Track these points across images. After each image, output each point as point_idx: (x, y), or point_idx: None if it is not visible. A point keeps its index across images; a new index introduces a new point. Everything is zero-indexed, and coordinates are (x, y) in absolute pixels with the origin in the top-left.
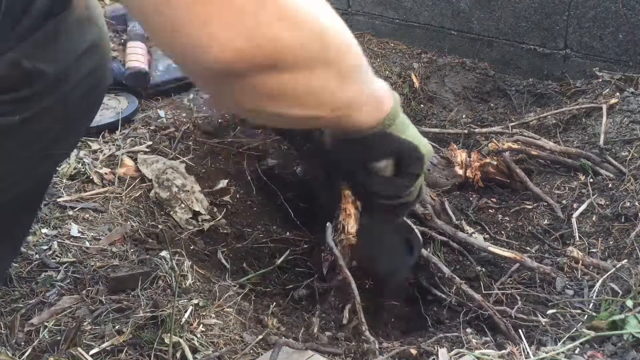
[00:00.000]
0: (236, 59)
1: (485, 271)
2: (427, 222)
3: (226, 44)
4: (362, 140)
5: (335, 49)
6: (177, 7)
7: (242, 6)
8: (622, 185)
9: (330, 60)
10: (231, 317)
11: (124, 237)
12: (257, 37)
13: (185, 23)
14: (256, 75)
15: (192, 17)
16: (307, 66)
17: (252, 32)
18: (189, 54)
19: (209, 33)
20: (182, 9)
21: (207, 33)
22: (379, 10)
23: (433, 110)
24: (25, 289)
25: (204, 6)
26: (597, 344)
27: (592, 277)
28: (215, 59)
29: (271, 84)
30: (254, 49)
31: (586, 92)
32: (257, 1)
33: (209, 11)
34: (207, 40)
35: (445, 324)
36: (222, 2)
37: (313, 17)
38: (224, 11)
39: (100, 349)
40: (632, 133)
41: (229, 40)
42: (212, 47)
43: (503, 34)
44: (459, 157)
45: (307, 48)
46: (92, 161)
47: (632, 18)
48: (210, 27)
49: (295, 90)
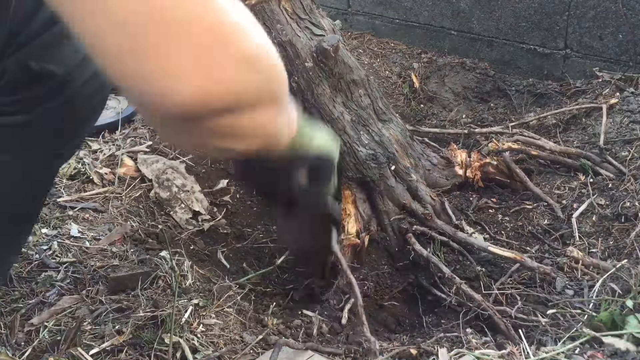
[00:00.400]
0: (196, 103)
1: (485, 271)
2: (427, 222)
3: (187, 91)
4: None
5: (279, 85)
6: (142, 57)
7: (204, 51)
8: (622, 185)
9: (276, 96)
10: (231, 317)
11: (124, 237)
12: (219, 84)
13: (148, 73)
14: (213, 118)
15: (156, 66)
16: (260, 105)
17: (214, 78)
18: (150, 100)
19: (172, 84)
20: (147, 60)
21: (170, 83)
22: (379, 10)
23: (433, 110)
24: (25, 289)
25: (169, 59)
26: (597, 344)
27: (592, 277)
28: (176, 104)
29: (225, 125)
30: (215, 95)
31: (586, 92)
32: (220, 47)
33: (168, 53)
34: (171, 89)
35: (445, 324)
36: (183, 43)
37: (267, 58)
38: (184, 54)
39: (100, 349)
40: (632, 133)
41: (189, 87)
42: (174, 92)
43: (503, 34)
44: (459, 157)
45: (262, 89)
46: (92, 161)
47: (632, 18)
48: (169, 72)
49: (245, 128)
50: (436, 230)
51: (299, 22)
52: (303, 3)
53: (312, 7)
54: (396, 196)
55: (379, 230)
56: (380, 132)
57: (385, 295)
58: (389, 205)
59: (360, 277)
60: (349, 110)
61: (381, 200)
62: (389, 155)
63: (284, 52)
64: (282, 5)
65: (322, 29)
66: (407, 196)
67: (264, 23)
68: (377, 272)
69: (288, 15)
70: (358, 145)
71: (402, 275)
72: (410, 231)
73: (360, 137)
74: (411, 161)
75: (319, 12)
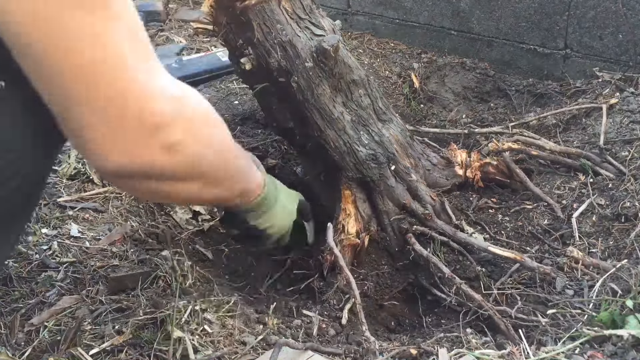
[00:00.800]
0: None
1: (485, 271)
2: (427, 222)
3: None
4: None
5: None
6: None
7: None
8: (622, 185)
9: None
10: (231, 317)
11: (124, 237)
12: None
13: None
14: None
15: (96, 137)
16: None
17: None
18: (89, 155)
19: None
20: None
21: (101, 149)
22: (379, 10)
23: (433, 110)
24: (25, 289)
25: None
26: (597, 344)
27: (592, 277)
28: (107, 169)
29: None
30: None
31: (586, 92)
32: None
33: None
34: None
35: (445, 324)
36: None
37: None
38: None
39: (100, 349)
40: (632, 133)
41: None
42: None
43: (503, 34)
44: (459, 157)
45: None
46: None
47: (632, 18)
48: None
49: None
50: (436, 230)
51: (299, 22)
52: (303, 3)
53: (312, 7)
54: (396, 196)
55: (379, 230)
56: (380, 132)
57: (385, 295)
58: (389, 205)
59: (360, 277)
60: (349, 110)
61: (381, 200)
62: (389, 155)
63: (284, 52)
64: (282, 5)
65: (322, 29)
66: (407, 196)
67: (264, 23)
68: (377, 272)
69: (288, 15)
70: (358, 145)
71: (402, 275)
72: (410, 231)
73: (360, 137)
74: (411, 161)
75: (319, 12)
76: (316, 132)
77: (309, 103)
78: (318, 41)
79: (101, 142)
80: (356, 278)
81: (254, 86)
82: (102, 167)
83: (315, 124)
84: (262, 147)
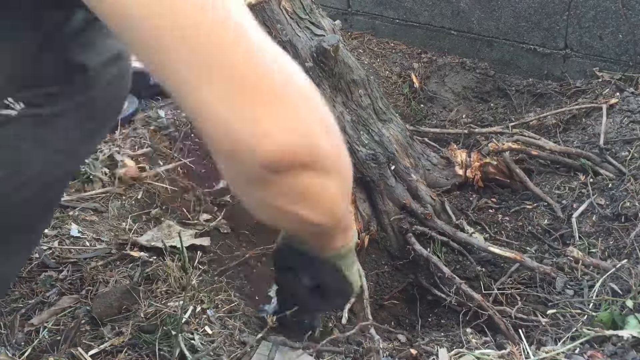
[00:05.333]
0: (284, 156)
1: (485, 271)
2: (427, 222)
3: (278, 143)
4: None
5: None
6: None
7: (297, 109)
8: (622, 185)
9: (342, 173)
10: (231, 317)
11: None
12: (306, 139)
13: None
14: (294, 173)
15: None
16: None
17: (302, 134)
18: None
19: (262, 130)
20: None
21: (260, 130)
22: (379, 10)
23: (433, 110)
24: (25, 289)
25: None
26: (597, 344)
27: (592, 277)
28: (264, 156)
29: (303, 183)
30: (301, 150)
31: (586, 92)
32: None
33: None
34: (259, 137)
35: (445, 324)
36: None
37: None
38: (280, 111)
39: (100, 349)
40: (632, 133)
41: (281, 139)
42: (263, 145)
43: (503, 34)
44: (459, 157)
45: (337, 156)
46: (92, 161)
47: (632, 18)
48: (263, 124)
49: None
50: (436, 230)
51: (299, 22)
52: (303, 3)
53: (312, 7)
54: (396, 196)
55: (379, 230)
56: (380, 132)
57: (385, 295)
58: (389, 205)
59: None
60: (349, 110)
61: (381, 200)
62: (389, 155)
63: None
64: (282, 5)
65: (322, 29)
66: (407, 196)
67: (264, 23)
68: (377, 271)
69: (288, 15)
70: (358, 145)
71: (402, 275)
72: (410, 231)
73: (360, 137)
74: (411, 161)
75: (319, 12)
76: None
77: None
78: (318, 41)
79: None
80: None
81: None
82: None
83: None
84: None
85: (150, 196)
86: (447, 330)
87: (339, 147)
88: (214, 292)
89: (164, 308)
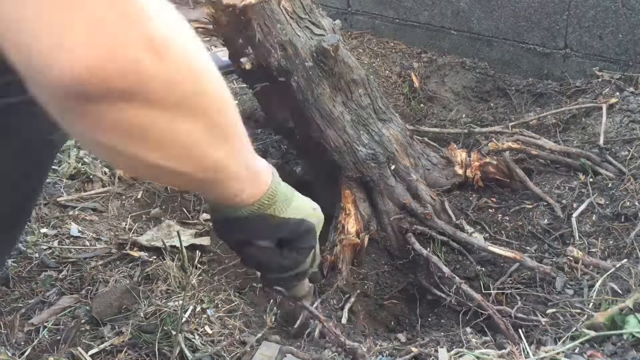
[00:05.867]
0: (89, 77)
1: (485, 271)
2: (427, 221)
3: (78, 58)
4: (240, 220)
5: (208, 99)
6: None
7: (104, 19)
8: (622, 185)
9: (200, 108)
10: (231, 317)
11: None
12: (118, 58)
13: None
14: (112, 103)
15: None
16: (173, 107)
17: (111, 49)
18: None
19: (58, 43)
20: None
21: (56, 43)
22: (379, 10)
23: (433, 110)
24: (25, 289)
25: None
26: (597, 343)
27: (592, 276)
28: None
29: (129, 118)
30: (111, 71)
31: (586, 91)
32: (123, 18)
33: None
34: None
35: (445, 324)
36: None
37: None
38: (80, 20)
39: (100, 349)
40: (632, 133)
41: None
42: (61, 60)
43: (503, 34)
44: (459, 157)
45: (175, 86)
46: (92, 161)
47: (632, 18)
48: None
49: (156, 132)
50: (436, 230)
51: (298, 22)
52: (303, 2)
53: (312, 6)
54: (396, 196)
55: (379, 230)
56: (380, 131)
57: (385, 295)
58: (389, 205)
59: (360, 277)
60: (348, 110)
61: (381, 199)
62: (389, 154)
63: (284, 52)
64: (282, 4)
65: (322, 29)
66: (407, 196)
67: (264, 22)
68: (377, 271)
69: (288, 14)
70: (358, 145)
71: (402, 275)
72: (410, 231)
73: (360, 137)
74: (411, 161)
75: (318, 12)
76: (316, 131)
77: (308, 102)
78: (318, 41)
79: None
80: (356, 277)
81: (254, 86)
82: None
83: (315, 123)
84: (262, 147)
85: (150, 196)
86: (447, 330)
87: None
88: (213, 292)
89: (163, 308)
